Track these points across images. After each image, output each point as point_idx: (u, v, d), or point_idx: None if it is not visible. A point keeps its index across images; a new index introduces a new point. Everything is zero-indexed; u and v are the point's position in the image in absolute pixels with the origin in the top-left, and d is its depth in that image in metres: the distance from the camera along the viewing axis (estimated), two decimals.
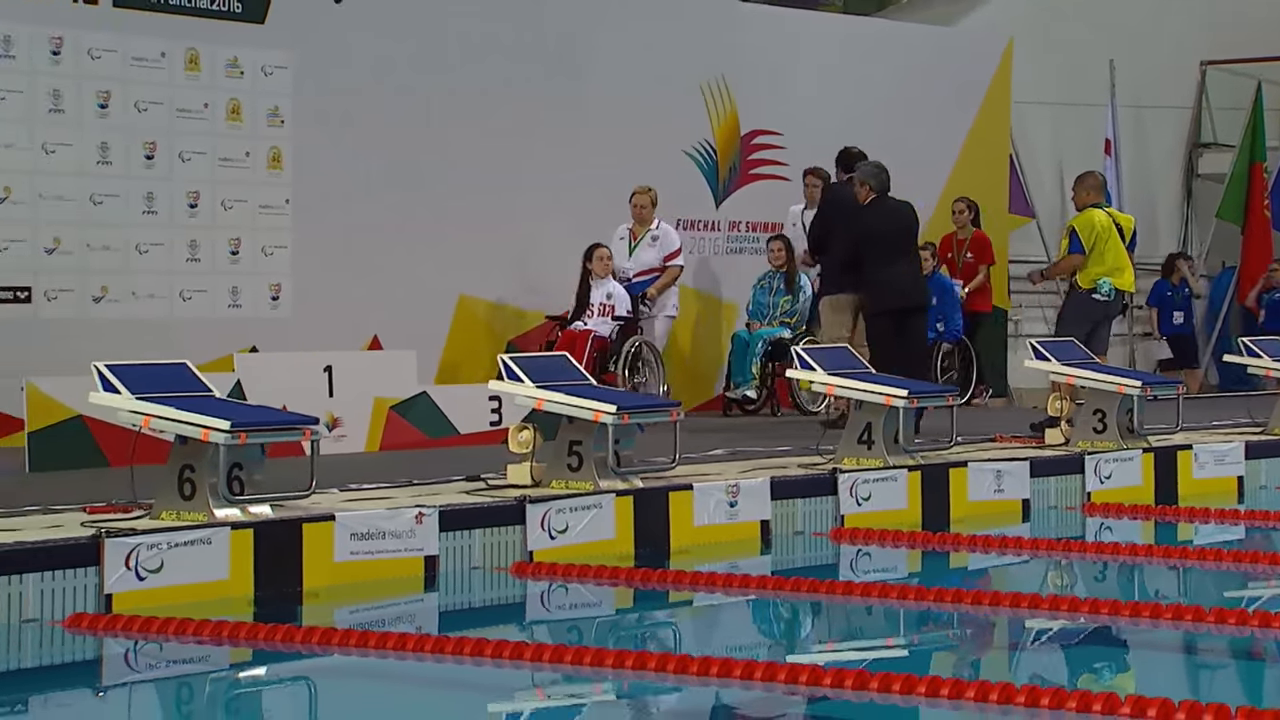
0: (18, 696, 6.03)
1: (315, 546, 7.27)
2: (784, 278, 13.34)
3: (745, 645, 7.10)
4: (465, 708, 5.90)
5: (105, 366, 7.36)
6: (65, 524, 7.03)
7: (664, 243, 12.83)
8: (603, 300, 12.35)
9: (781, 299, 13.29)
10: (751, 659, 5.74)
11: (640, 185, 12.76)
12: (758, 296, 13.47)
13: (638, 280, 12.73)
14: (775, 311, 13.31)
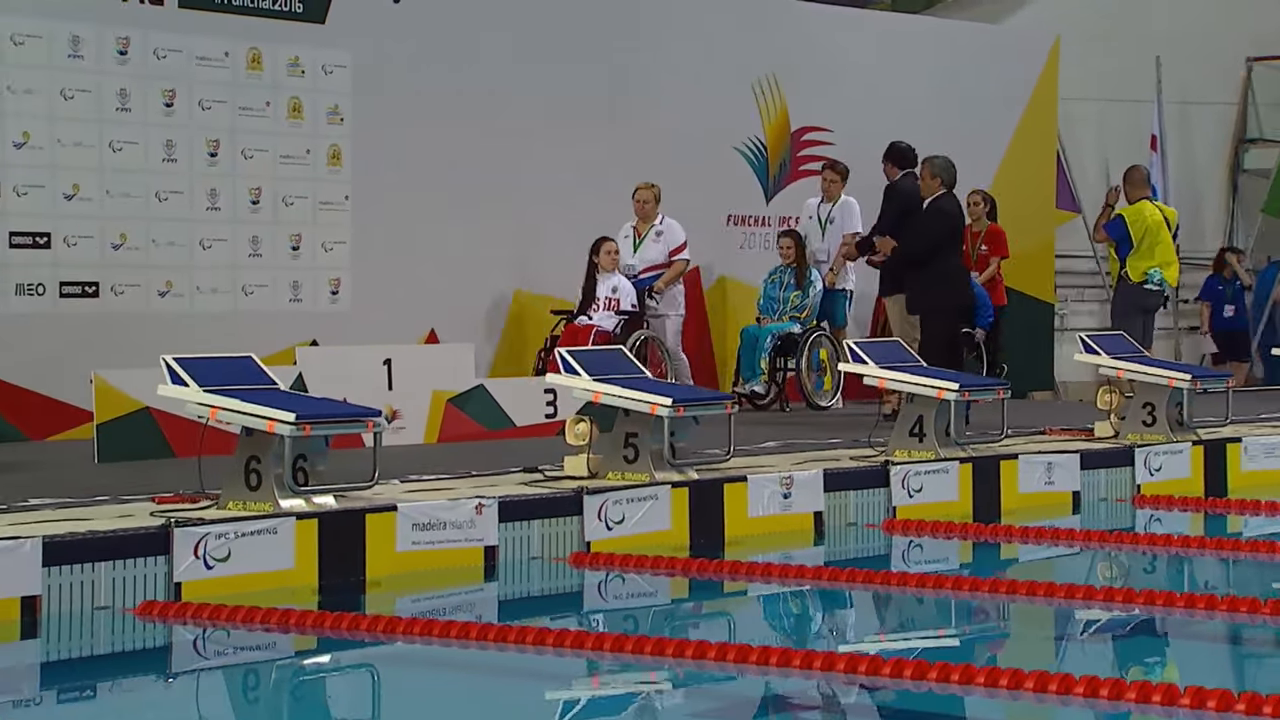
0: (91, 682, 6.07)
1: (378, 536, 7.28)
2: (794, 273, 13.05)
3: (799, 635, 7.07)
4: (523, 696, 5.89)
5: (174, 359, 7.38)
6: (135, 514, 7.06)
7: (668, 238, 12.59)
8: (608, 294, 12.14)
9: (791, 294, 12.98)
10: (806, 648, 5.72)
11: (643, 181, 12.54)
12: (767, 291, 13.20)
13: (644, 276, 12.51)
14: (785, 306, 13.02)
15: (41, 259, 10.58)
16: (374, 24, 11.93)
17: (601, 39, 13.08)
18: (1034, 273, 15.63)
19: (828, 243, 13.13)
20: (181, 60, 11.09)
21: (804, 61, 14.22)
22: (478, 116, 12.35)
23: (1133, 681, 5.08)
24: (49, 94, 10.58)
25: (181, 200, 11.15)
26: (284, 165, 11.57)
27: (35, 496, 7.55)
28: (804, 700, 5.62)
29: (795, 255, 13.02)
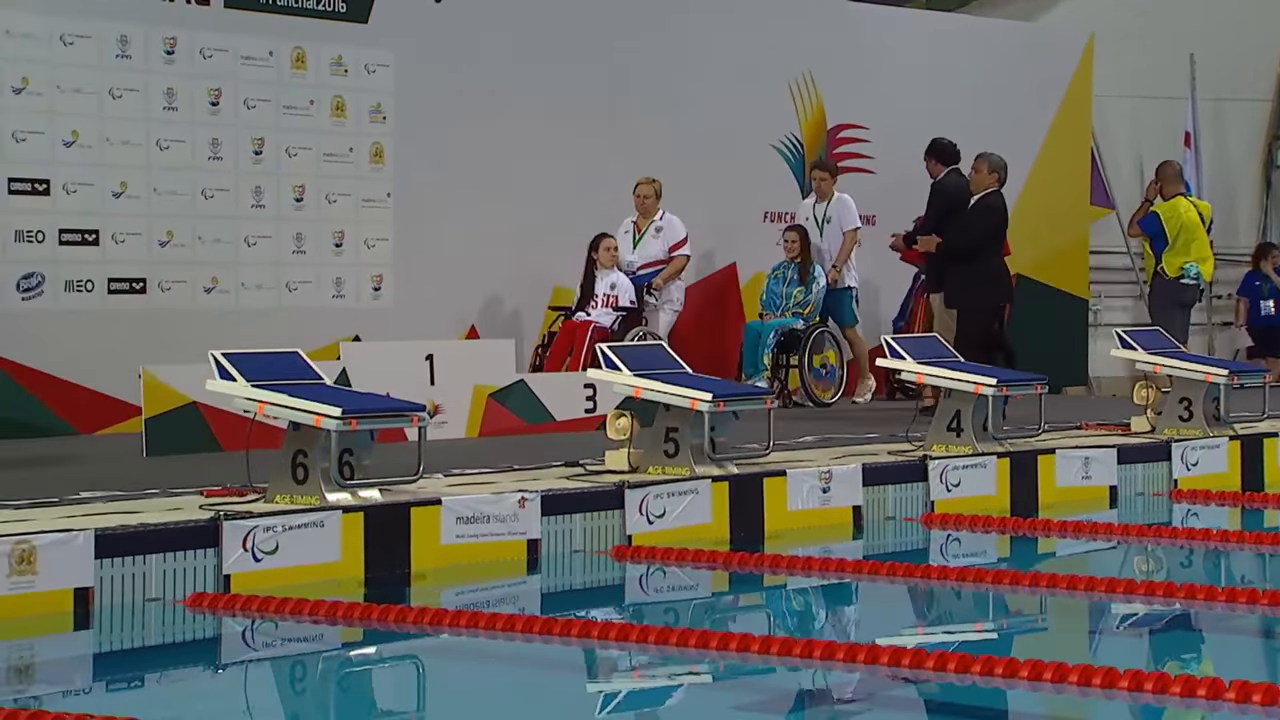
0: (142, 673, 6.09)
1: (423, 530, 7.28)
2: (797, 268, 12.80)
3: (838, 628, 7.05)
4: (566, 687, 5.89)
5: (222, 355, 7.40)
6: (184, 507, 7.08)
7: (668, 233, 12.38)
8: (606, 291, 11.97)
9: (795, 290, 12.74)
10: (845, 642, 5.70)
11: (644, 176, 12.35)
12: (771, 287, 12.95)
13: (643, 272, 12.33)
14: (788, 302, 12.77)
15: (90, 256, 10.63)
16: (416, 23, 11.94)
17: (641, 38, 13.06)
18: (1068, 269, 15.57)
19: (827, 242, 12.92)
20: (227, 60, 11.12)
21: (840, 59, 14.18)
22: (518, 115, 12.35)
23: (1177, 675, 5.04)
24: (98, 93, 10.62)
25: (227, 198, 11.18)
26: (327, 163, 11.60)
27: (86, 489, 7.57)
28: (843, 693, 5.60)
29: (800, 250, 12.79)
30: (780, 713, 5.50)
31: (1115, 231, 16.97)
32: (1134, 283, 17.22)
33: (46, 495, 7.34)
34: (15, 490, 7.51)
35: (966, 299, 11.21)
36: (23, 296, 10.40)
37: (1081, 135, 15.86)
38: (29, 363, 10.35)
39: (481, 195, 12.13)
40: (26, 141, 10.35)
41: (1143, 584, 6.98)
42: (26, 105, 10.34)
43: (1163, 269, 11.59)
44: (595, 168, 12.63)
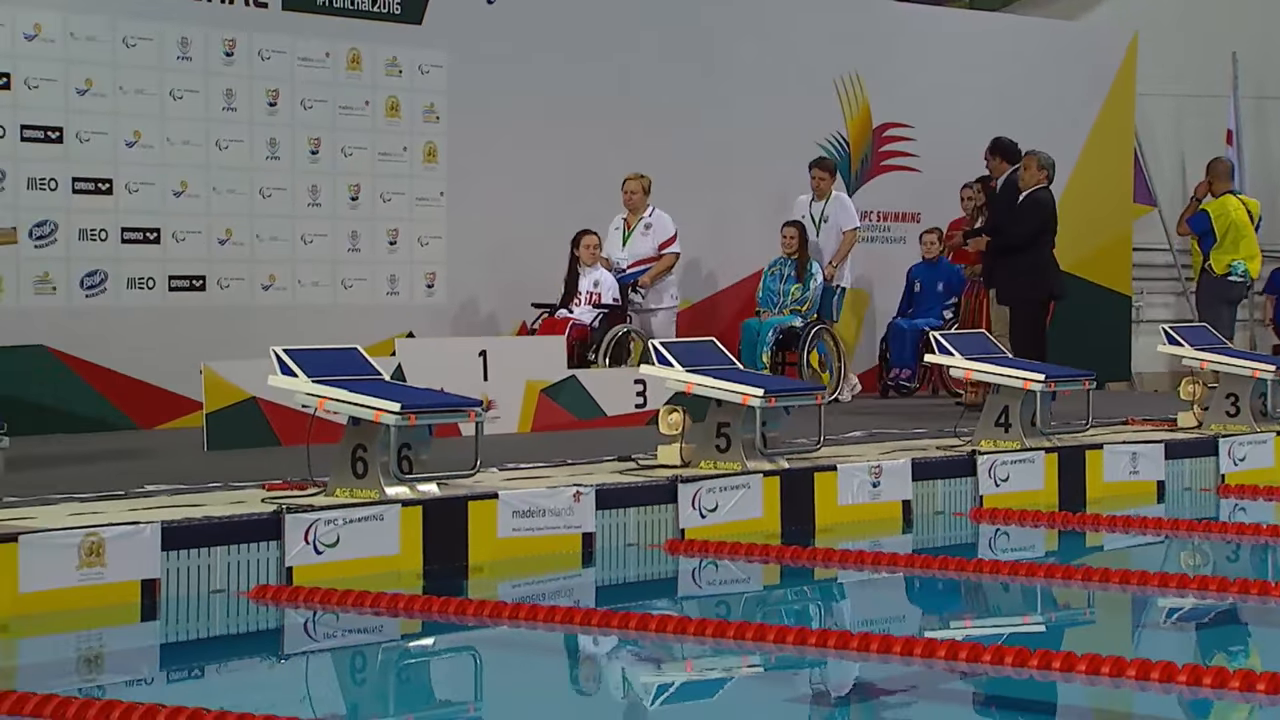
0: (208, 663, 6.11)
1: (480, 523, 7.28)
2: (794, 265, 12.42)
3: (888, 621, 7.01)
4: (619, 679, 5.88)
5: (283, 351, 7.41)
6: (246, 500, 7.10)
7: (657, 230, 11.92)
8: (589, 288, 11.56)
9: (792, 286, 12.36)
10: (895, 634, 5.66)
11: (632, 172, 11.96)
12: (768, 283, 12.54)
13: (632, 270, 11.88)
14: (785, 300, 12.40)
15: (151, 254, 10.67)
16: (469, 25, 11.95)
17: (691, 39, 13.03)
18: (1111, 265, 15.46)
19: (823, 240, 12.61)
20: (284, 61, 11.15)
21: (886, 59, 14.12)
22: (569, 114, 12.33)
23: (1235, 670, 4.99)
24: (159, 94, 10.66)
25: (284, 197, 11.21)
26: (382, 162, 11.62)
27: (150, 483, 7.60)
28: (892, 685, 5.56)
29: (798, 246, 12.43)
30: (834, 706, 5.47)
31: (1157, 228, 16.82)
32: (1176, 279, 17.10)
33: (112, 489, 7.37)
34: (82, 483, 7.54)
35: (1017, 294, 11.14)
36: (86, 293, 10.45)
37: (1125, 133, 15.74)
38: (92, 358, 10.40)
39: (533, 193, 12.12)
40: (90, 142, 10.40)
41: (1195, 579, 6.90)
42: (90, 106, 10.39)
43: (1210, 266, 11.50)
44: (646, 166, 12.58)
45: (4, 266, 10.02)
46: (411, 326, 11.60)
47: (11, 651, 6.03)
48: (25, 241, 9.50)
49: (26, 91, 10.16)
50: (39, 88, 10.20)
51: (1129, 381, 15.84)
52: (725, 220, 13.00)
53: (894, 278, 13.90)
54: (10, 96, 10.10)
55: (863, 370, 13.54)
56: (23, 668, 5.93)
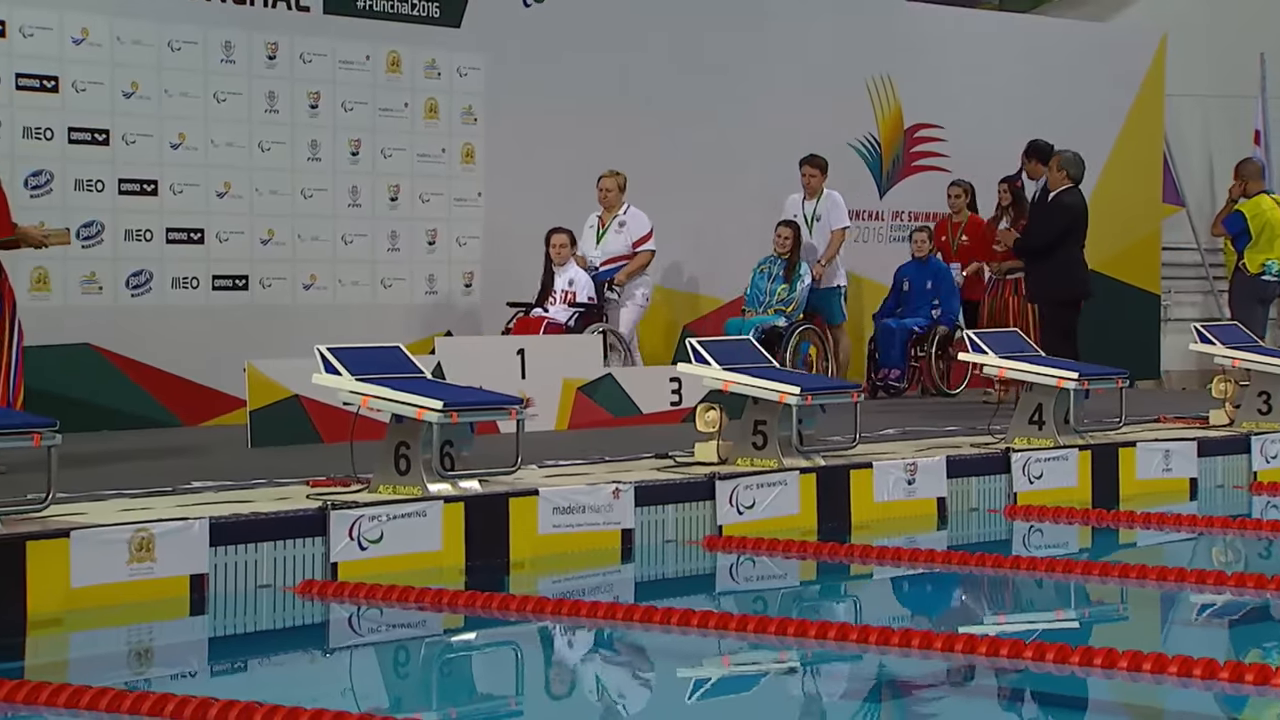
0: (256, 656, 6.12)
1: (521, 519, 7.26)
2: (784, 265, 12.15)
3: (923, 616, 6.98)
4: (658, 673, 5.87)
5: (327, 349, 7.40)
6: (291, 496, 7.10)
7: (631, 228, 11.53)
8: (564, 287, 11.23)
9: (779, 286, 12.10)
10: (930, 630, 5.64)
11: (607, 169, 11.66)
12: (756, 282, 12.27)
13: (605, 268, 11.54)
14: (771, 299, 12.13)
15: (196, 254, 10.70)
16: (506, 28, 11.95)
17: (726, 40, 13.02)
18: (1140, 264, 15.40)
19: (816, 239, 12.37)
20: (326, 64, 11.17)
21: (917, 61, 14.09)
22: (603, 115, 12.34)
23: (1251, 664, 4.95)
24: (203, 97, 10.69)
25: (325, 197, 11.23)
26: (421, 163, 11.63)
27: (196, 479, 7.61)
28: (928, 679, 5.53)
29: (791, 246, 12.17)
30: (871, 701, 5.44)
31: (1185, 228, 16.76)
32: (1204, 278, 17.01)
33: (160, 485, 7.39)
34: (130, 480, 7.56)
35: (1047, 294, 11.11)
36: (132, 293, 10.49)
37: (1154, 133, 15.67)
38: (138, 356, 10.44)
39: (568, 194, 12.11)
40: (136, 144, 10.44)
41: (1228, 575, 6.84)
42: (136, 109, 10.43)
43: (1244, 265, 11.43)
44: (681, 166, 12.58)
45: (52, 266, 10.06)
46: (449, 325, 11.62)
47: (64, 645, 6.05)
48: (73, 242, 9.52)
49: (74, 95, 10.20)
50: (86, 91, 10.24)
51: (1157, 380, 15.75)
52: (757, 218, 12.95)
53: None
54: (58, 99, 10.15)
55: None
56: (75, 661, 5.95)
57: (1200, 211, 16.92)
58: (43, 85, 10.09)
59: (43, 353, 9.36)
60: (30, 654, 5.88)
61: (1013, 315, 12.21)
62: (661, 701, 5.46)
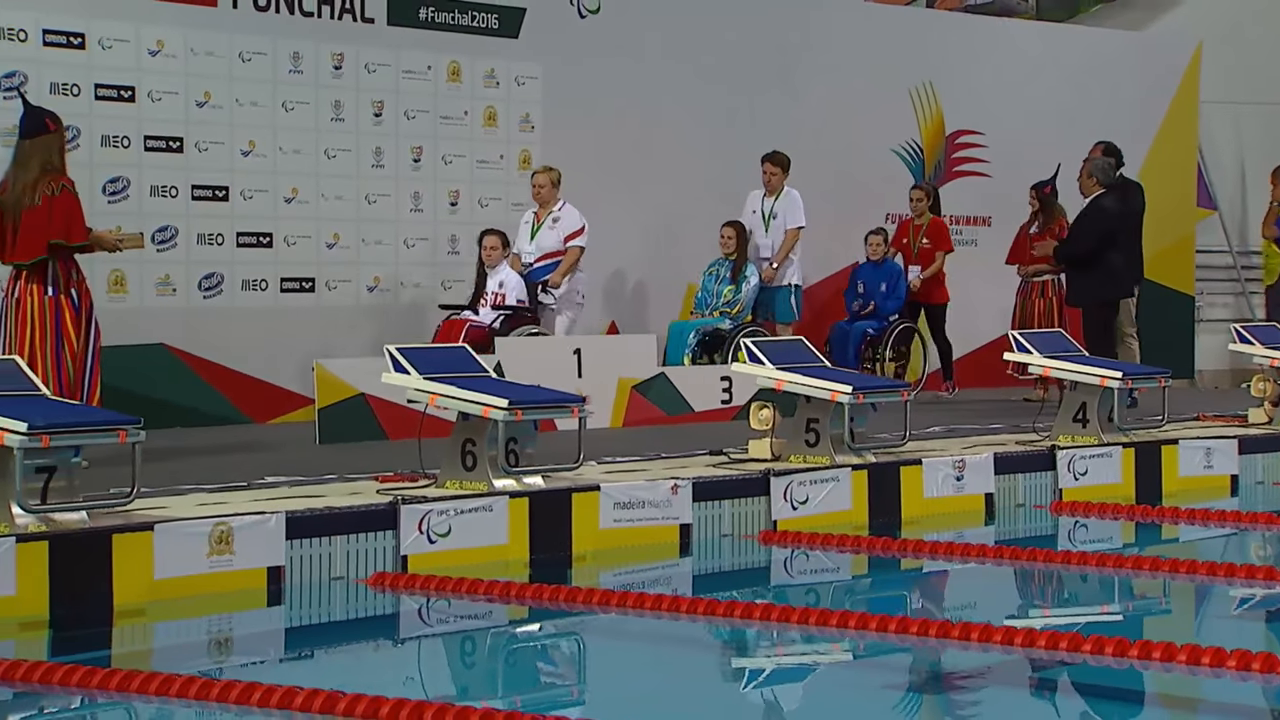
0: (330, 646, 6.11)
1: (583, 514, 7.24)
2: (731, 266, 11.55)
3: (971, 610, 6.91)
4: (714, 663, 5.85)
5: (396, 349, 7.39)
6: (362, 491, 7.09)
7: (564, 223, 10.93)
8: (495, 289, 10.67)
9: (725, 288, 11.52)
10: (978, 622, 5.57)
11: (541, 165, 11.18)
12: (705, 284, 11.69)
13: (540, 265, 10.93)
14: (718, 301, 11.57)
15: (264, 257, 10.72)
16: (562, 38, 11.92)
17: (774, 48, 12.96)
18: (1175, 266, 15.24)
19: (771, 238, 11.77)
20: (389, 74, 11.17)
21: (959, 69, 14.00)
22: (656, 122, 12.30)
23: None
24: (272, 106, 10.70)
25: (388, 202, 11.23)
26: (480, 169, 11.62)
27: (270, 475, 7.61)
28: (976, 671, 5.49)
29: (736, 246, 11.54)
30: (922, 692, 5.40)
31: (1217, 231, 16.61)
32: (1235, 280, 16.84)
33: (234, 480, 7.39)
34: (205, 475, 7.57)
35: (1084, 296, 11.03)
36: (204, 295, 10.51)
37: (1189, 138, 15.52)
38: (209, 356, 10.46)
39: (621, 198, 12.08)
40: (208, 151, 10.46)
41: (1263, 569, 6.76)
42: (209, 118, 10.45)
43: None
44: (730, 171, 12.53)
45: (128, 269, 10.10)
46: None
47: (148, 635, 6.06)
48: (147, 245, 9.56)
49: (150, 104, 10.23)
50: (161, 100, 10.27)
51: (1191, 379, 15.60)
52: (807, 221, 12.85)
53: (966, 280, 13.76)
54: (135, 109, 10.18)
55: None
56: (158, 650, 5.96)
57: (1232, 215, 16.76)
58: (120, 95, 10.13)
59: (119, 352, 9.38)
60: (116, 643, 5.89)
61: (1039, 317, 12.12)
62: (717, 691, 5.43)
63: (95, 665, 5.04)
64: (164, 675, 4.84)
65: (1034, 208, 12.45)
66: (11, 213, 7.64)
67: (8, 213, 7.66)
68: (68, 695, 4.93)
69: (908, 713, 5.16)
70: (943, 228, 12.80)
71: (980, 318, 13.56)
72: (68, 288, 7.69)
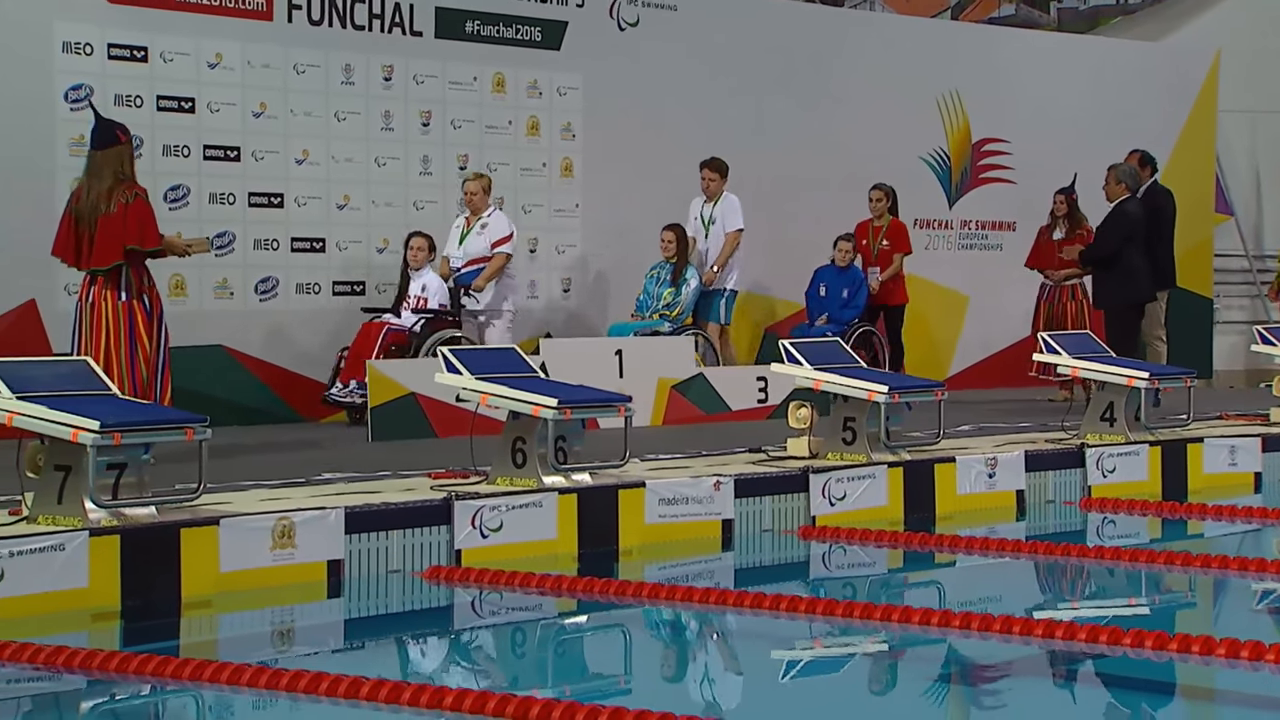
0: (387, 636, 6.09)
1: (629, 510, 7.21)
2: (671, 269, 11.15)
3: (1003, 603, 6.85)
4: (754, 655, 5.81)
5: (449, 351, 7.37)
6: (416, 487, 7.06)
7: (493, 230, 10.61)
8: (417, 293, 10.33)
9: (665, 291, 11.13)
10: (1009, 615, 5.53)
11: (472, 173, 10.78)
12: (646, 287, 11.27)
13: (467, 270, 10.54)
14: (658, 304, 11.16)
15: (317, 261, 10.72)
16: (603, 50, 11.90)
17: (808, 62, 12.91)
18: (1194, 270, 15.10)
19: (712, 242, 11.37)
20: (437, 85, 11.15)
21: (984, 80, 13.92)
22: (693, 131, 12.24)
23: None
24: (325, 116, 10.71)
25: (435, 209, 11.21)
26: (523, 176, 11.60)
27: (327, 471, 7.59)
28: (1006, 661, 5.43)
29: (676, 250, 11.12)
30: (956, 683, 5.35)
31: (1233, 235, 16.48)
32: (1250, 283, 16.72)
33: (294, 476, 7.37)
34: (264, 471, 7.56)
35: (1107, 299, 10.94)
36: (260, 298, 10.52)
37: (1207, 145, 15.41)
38: (265, 356, 10.47)
39: (660, 205, 12.02)
40: (264, 160, 10.47)
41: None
42: (264, 128, 10.46)
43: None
44: (766, 178, 12.48)
45: (188, 273, 10.11)
46: (549, 328, 11.57)
47: (215, 626, 6.06)
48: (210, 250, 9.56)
49: (209, 115, 10.25)
50: (220, 111, 10.28)
51: (1208, 379, 15.49)
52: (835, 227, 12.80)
53: (991, 283, 13.71)
54: (194, 119, 10.20)
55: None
56: (224, 640, 5.95)
57: (1247, 220, 16.63)
58: (180, 106, 10.14)
59: (180, 353, 9.35)
60: (184, 634, 5.89)
61: (1071, 320, 12.03)
62: (757, 681, 5.40)
63: (165, 655, 5.02)
64: (233, 665, 4.82)
65: (1061, 212, 12.33)
66: (87, 220, 7.68)
67: (83, 220, 7.69)
68: (139, 684, 4.91)
69: (942, 702, 5.12)
70: (902, 229, 12.34)
71: (1005, 319, 13.49)
72: (140, 292, 7.72)
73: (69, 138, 9.55)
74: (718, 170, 11.46)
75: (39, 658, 5.03)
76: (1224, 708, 5.00)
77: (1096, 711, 5.01)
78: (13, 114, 9.55)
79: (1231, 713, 4.98)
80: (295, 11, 10.54)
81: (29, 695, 5.02)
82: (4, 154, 9.54)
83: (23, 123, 9.58)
